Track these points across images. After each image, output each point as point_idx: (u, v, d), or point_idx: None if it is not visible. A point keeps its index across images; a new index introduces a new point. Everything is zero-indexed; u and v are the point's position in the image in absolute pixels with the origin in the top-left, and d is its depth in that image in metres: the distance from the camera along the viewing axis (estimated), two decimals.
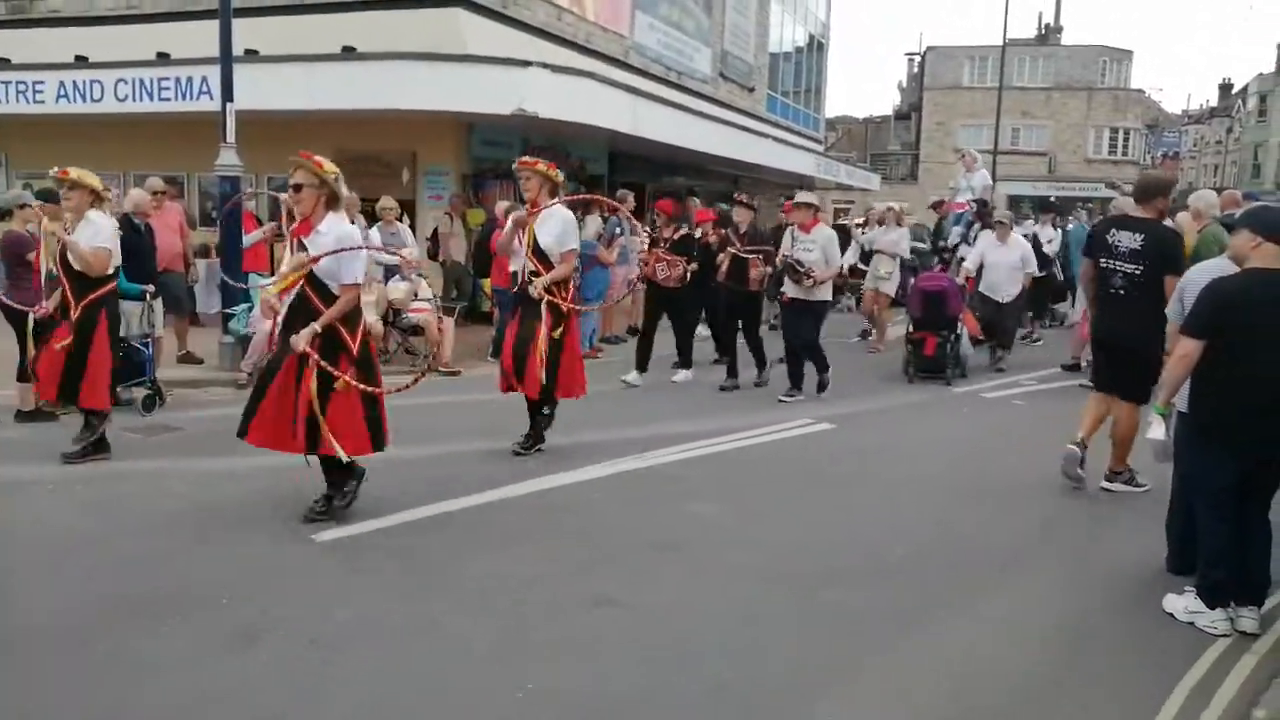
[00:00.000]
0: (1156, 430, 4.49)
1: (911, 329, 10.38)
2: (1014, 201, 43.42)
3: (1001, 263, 10.83)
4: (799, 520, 5.67)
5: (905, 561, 5.02)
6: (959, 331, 10.30)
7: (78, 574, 4.56)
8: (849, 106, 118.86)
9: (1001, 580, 4.81)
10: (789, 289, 9.08)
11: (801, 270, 8.86)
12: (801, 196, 9.41)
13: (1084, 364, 10.51)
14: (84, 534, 5.13)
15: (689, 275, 9.62)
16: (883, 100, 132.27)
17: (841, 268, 12.51)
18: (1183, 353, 4.30)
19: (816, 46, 32.45)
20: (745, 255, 9.40)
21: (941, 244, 14.15)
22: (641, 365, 9.89)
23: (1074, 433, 6.35)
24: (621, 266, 12.24)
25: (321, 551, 4.94)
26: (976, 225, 12.86)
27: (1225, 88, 66.27)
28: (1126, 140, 46.81)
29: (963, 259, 12.25)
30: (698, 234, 10.06)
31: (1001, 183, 36.78)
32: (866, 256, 13.67)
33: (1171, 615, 4.35)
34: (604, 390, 8.75)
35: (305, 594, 4.39)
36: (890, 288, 12.93)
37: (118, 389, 8.07)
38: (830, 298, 9.52)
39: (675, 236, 9.77)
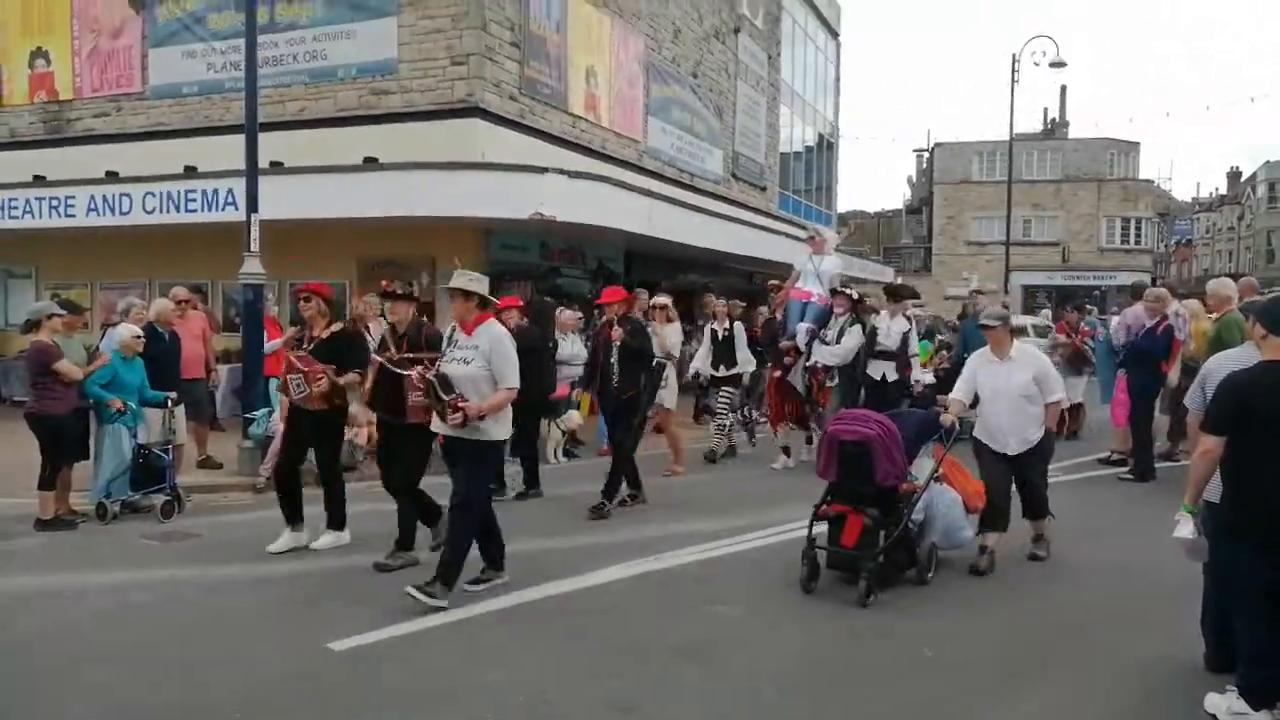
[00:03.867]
0: (1184, 529, 4.40)
1: (823, 501, 6.22)
2: (1029, 292, 43.78)
3: (1003, 390, 6.52)
4: (824, 617, 5.55)
5: (935, 660, 4.89)
6: (913, 509, 6.15)
7: (93, 687, 4.49)
8: (860, 200, 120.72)
9: (1035, 680, 4.67)
10: (436, 424, 5.86)
11: (445, 399, 5.62)
12: (456, 279, 5.86)
13: (1126, 457, 10.36)
14: (100, 645, 5.07)
15: (333, 389, 6.79)
16: (893, 194, 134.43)
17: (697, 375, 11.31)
18: (1204, 449, 4.25)
19: (826, 146, 33.14)
20: (397, 371, 6.32)
21: (788, 342, 10.70)
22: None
23: (1103, 527, 6.26)
24: None
25: (338, 661, 4.86)
26: (844, 318, 10.37)
27: (1234, 175, 67.00)
28: (1139, 229, 47.17)
29: (815, 365, 10.49)
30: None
31: (1016, 273, 37.04)
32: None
33: (1214, 716, 4.19)
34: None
35: (319, 708, 4.30)
36: (668, 398, 10.28)
37: (138, 495, 8.16)
38: (503, 437, 5.99)
39: (324, 335, 6.95)
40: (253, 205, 10.20)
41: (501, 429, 5.91)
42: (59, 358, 7.67)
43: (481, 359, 5.72)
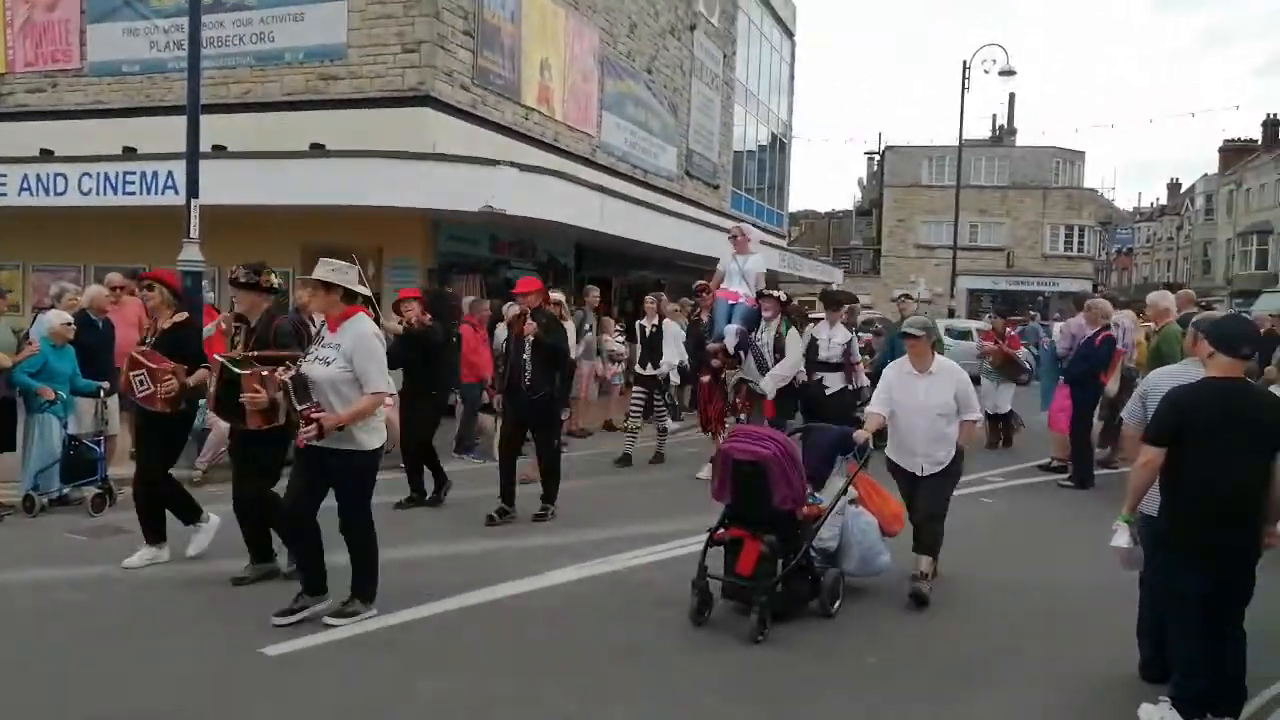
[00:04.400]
0: (1121, 538, 4.45)
1: (719, 524, 5.66)
2: (974, 296, 44.48)
3: (920, 406, 6.03)
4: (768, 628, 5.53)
5: (877, 670, 4.90)
6: (814, 535, 5.66)
7: (14, 691, 4.31)
8: (812, 201, 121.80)
9: (973, 689, 4.70)
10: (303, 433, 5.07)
11: (300, 406, 5.03)
12: (316, 270, 5.27)
13: (1066, 464, 10.50)
14: (23, 647, 4.88)
15: (181, 393, 6.08)
16: (844, 194, 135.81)
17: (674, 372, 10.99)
18: (1144, 460, 4.30)
19: (779, 146, 33.30)
20: (236, 370, 5.48)
21: (715, 344, 10.06)
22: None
23: (1040, 535, 6.32)
24: (587, 362, 12.22)
25: (272, 667, 4.72)
26: (775, 321, 9.46)
27: (1174, 187, 68.70)
28: (1082, 237, 48.16)
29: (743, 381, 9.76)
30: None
31: (962, 277, 37.58)
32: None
33: None
34: (569, 488, 8.58)
35: (251, 715, 4.17)
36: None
37: (67, 488, 7.89)
38: (376, 445, 5.29)
39: (166, 326, 6.32)
40: (193, 190, 9.91)
41: (373, 436, 5.26)
42: None
43: (343, 359, 5.11)
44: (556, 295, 10.28)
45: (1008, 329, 13.99)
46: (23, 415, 7.85)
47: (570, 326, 10.37)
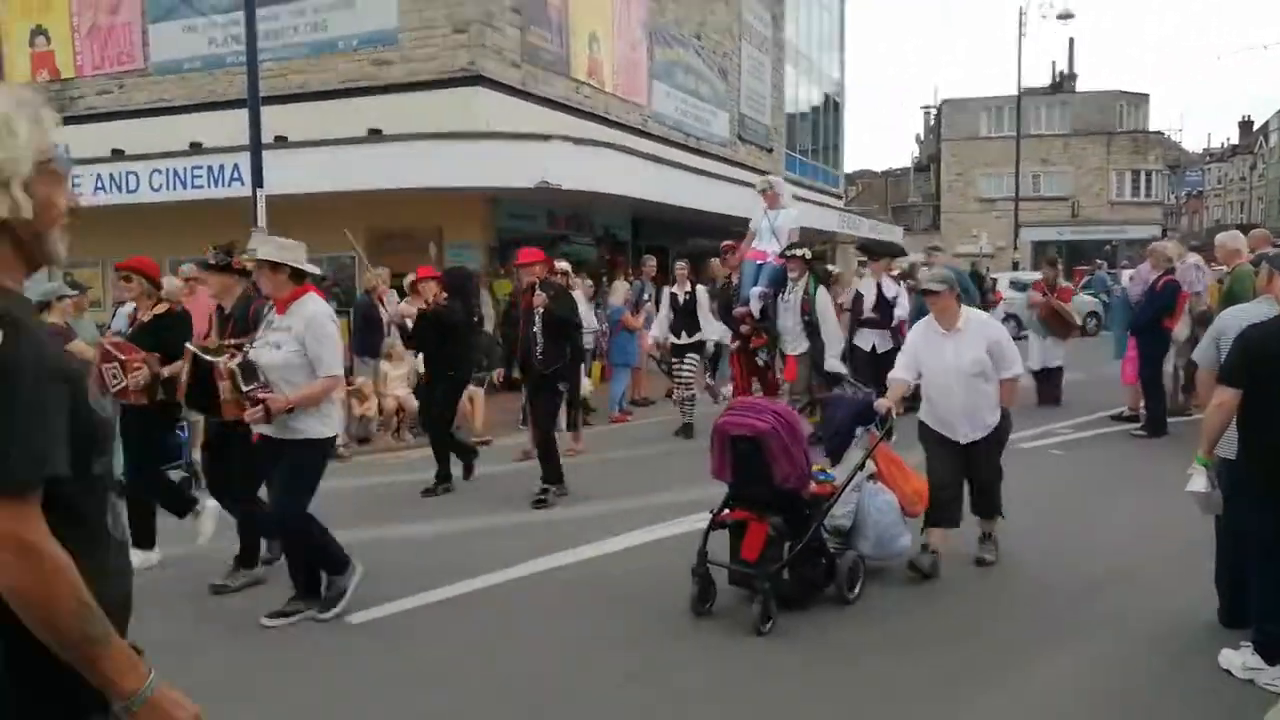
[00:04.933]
0: (1197, 482, 4.40)
1: (723, 505, 5.14)
2: (1039, 248, 43.55)
3: (951, 367, 5.51)
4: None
5: (946, 630, 4.91)
6: (826, 515, 5.16)
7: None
8: (868, 160, 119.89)
9: (1046, 646, 4.69)
10: (249, 415, 4.89)
11: (246, 389, 4.81)
12: (261, 247, 5.06)
13: (1138, 413, 10.30)
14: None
15: (157, 383, 5.66)
16: (901, 152, 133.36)
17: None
18: (1219, 401, 4.24)
19: (832, 105, 32.84)
20: (207, 359, 5.02)
21: (742, 309, 9.65)
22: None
23: (1114, 485, 6.23)
24: (648, 332, 12.28)
25: (359, 634, 4.92)
26: (802, 281, 9.19)
27: (1246, 125, 66.25)
28: (1149, 182, 46.77)
29: (774, 335, 9.36)
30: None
31: (1025, 229, 36.81)
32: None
33: (1228, 672, 4.22)
34: (625, 455, 8.66)
35: (339, 679, 4.37)
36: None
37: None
38: (328, 434, 5.05)
39: (147, 318, 6.01)
40: (258, 181, 10.21)
41: (324, 424, 4.98)
42: (71, 339, 7.70)
43: (294, 342, 4.82)
44: (562, 265, 10.09)
45: (1059, 280, 12.98)
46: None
47: (579, 295, 9.95)
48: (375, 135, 13.24)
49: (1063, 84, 50.05)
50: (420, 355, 8.98)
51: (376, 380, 10.49)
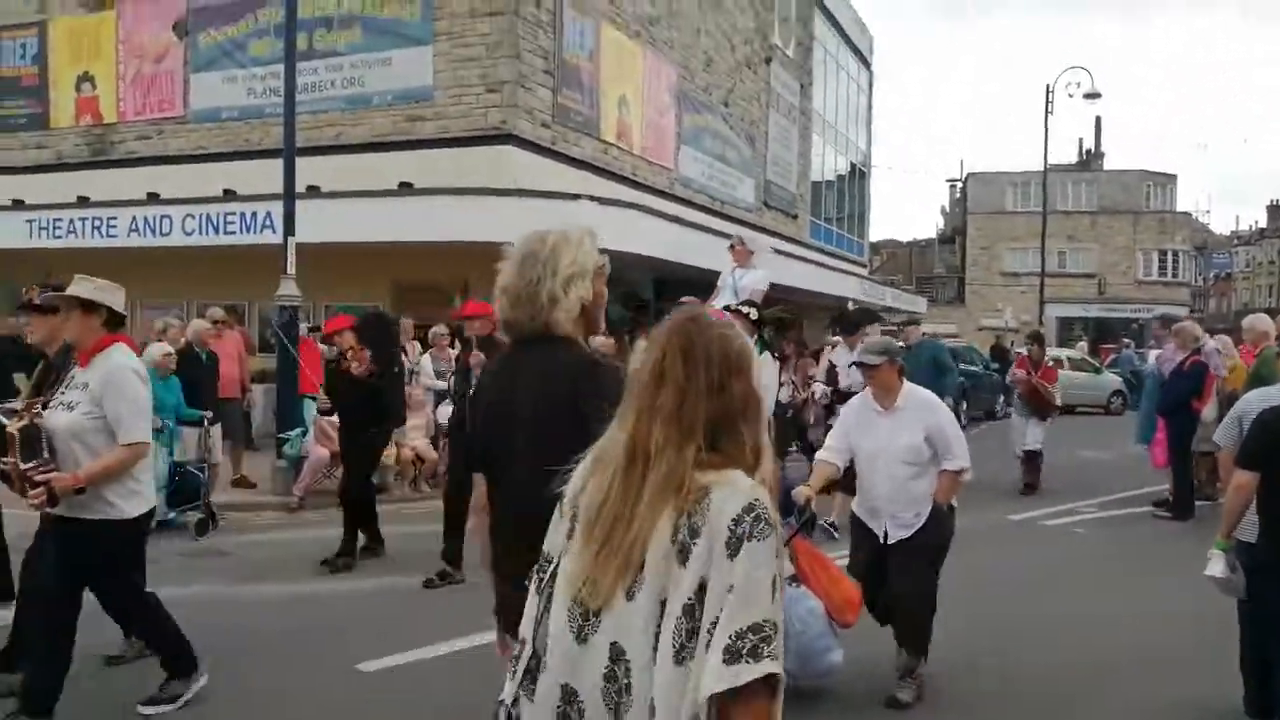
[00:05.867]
0: (1215, 566, 4.32)
1: None
2: (1065, 324, 43.38)
3: (883, 450, 4.79)
4: (844, 651, 5.48)
5: (958, 700, 4.81)
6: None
7: (105, 704, 4.51)
8: (894, 230, 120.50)
9: None
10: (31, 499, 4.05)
11: (25, 466, 3.94)
12: (79, 286, 4.21)
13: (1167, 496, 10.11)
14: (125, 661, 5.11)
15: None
16: (927, 224, 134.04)
17: None
18: (1237, 483, 4.19)
19: (858, 175, 33.15)
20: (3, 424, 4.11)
21: None
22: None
23: (1137, 566, 6.10)
24: None
25: (369, 683, 4.87)
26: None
27: (1274, 208, 66.20)
28: (1176, 262, 46.69)
29: None
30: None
31: (1051, 304, 36.72)
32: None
33: None
34: None
35: None
36: None
37: (173, 513, 8.26)
38: (138, 512, 4.22)
39: None
40: (290, 228, 10.36)
41: (132, 501, 4.15)
42: None
43: (90, 402, 4.02)
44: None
45: (1045, 358, 12.10)
46: None
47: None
48: (405, 188, 13.45)
49: (1089, 161, 50.34)
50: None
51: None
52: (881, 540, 4.76)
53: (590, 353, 2.64)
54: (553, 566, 1.76)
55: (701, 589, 1.58)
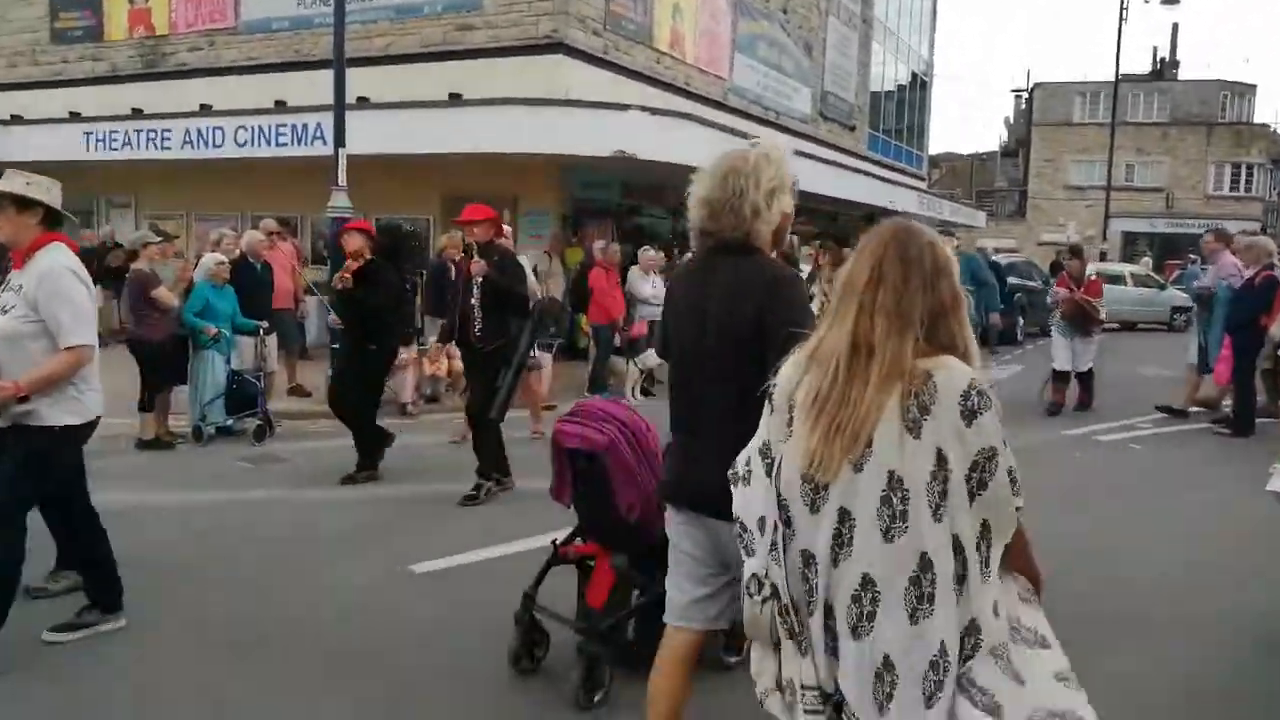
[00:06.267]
0: (1277, 481, 4.23)
1: (571, 536, 4.15)
2: (1129, 239, 42.10)
3: None
4: None
5: None
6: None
7: (175, 600, 4.70)
8: (954, 143, 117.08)
9: (1112, 645, 4.53)
10: None
11: None
12: (9, 181, 4.00)
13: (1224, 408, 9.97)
14: (187, 560, 5.30)
15: None
16: (989, 136, 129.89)
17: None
18: None
19: (919, 84, 32.12)
20: None
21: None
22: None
23: (1192, 481, 5.99)
24: None
25: (421, 581, 5.00)
26: None
27: None
28: (1250, 176, 44.82)
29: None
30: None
31: (1116, 219, 35.68)
32: None
33: None
34: None
35: (404, 625, 4.44)
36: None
37: (231, 420, 8.49)
38: (68, 421, 3.93)
39: None
40: (340, 140, 10.33)
41: (63, 409, 3.90)
42: (156, 284, 7.94)
43: (25, 305, 3.84)
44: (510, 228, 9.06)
45: (1085, 273, 11.29)
46: (191, 352, 8.43)
47: (527, 263, 8.83)
48: (455, 99, 13.33)
49: (1163, 71, 48.14)
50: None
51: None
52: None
53: (780, 267, 2.78)
54: (776, 456, 2.06)
55: (940, 458, 1.86)
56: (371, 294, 6.91)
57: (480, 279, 6.52)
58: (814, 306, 8.50)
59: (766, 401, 2.12)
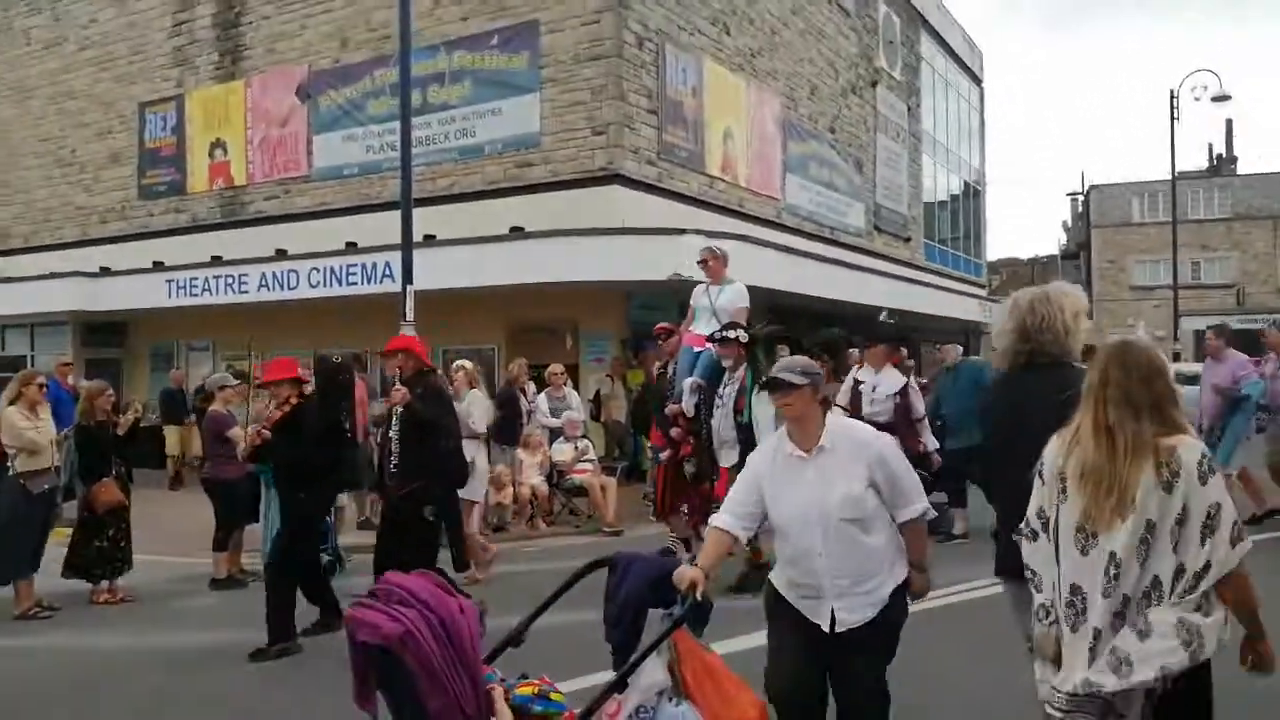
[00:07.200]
0: None
1: None
2: (1201, 338, 41.12)
3: (813, 506, 3.51)
4: (994, 688, 5.25)
5: None
6: None
7: None
8: (1013, 248, 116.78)
9: None
10: None
11: None
12: None
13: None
14: (265, 700, 5.29)
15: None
16: (1047, 240, 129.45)
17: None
18: None
19: (972, 193, 32.35)
20: None
21: (675, 406, 7.65)
22: None
23: None
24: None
25: None
26: (740, 373, 7.14)
27: None
28: None
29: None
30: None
31: (1186, 318, 34.92)
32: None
33: None
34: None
35: None
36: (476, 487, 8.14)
37: None
38: None
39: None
40: (408, 277, 10.72)
41: None
42: (232, 425, 8.18)
43: None
44: (461, 363, 8.78)
45: None
46: (264, 489, 8.59)
47: (479, 396, 8.43)
48: (517, 232, 13.78)
49: (1220, 167, 47.86)
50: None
51: (513, 468, 10.69)
52: (828, 629, 3.44)
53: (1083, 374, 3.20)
54: (1051, 515, 2.76)
55: (1184, 509, 2.58)
56: (293, 444, 6.29)
57: (400, 409, 6.16)
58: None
59: (1037, 476, 2.83)
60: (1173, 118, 27.93)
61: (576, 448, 10.84)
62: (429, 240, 13.69)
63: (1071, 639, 2.63)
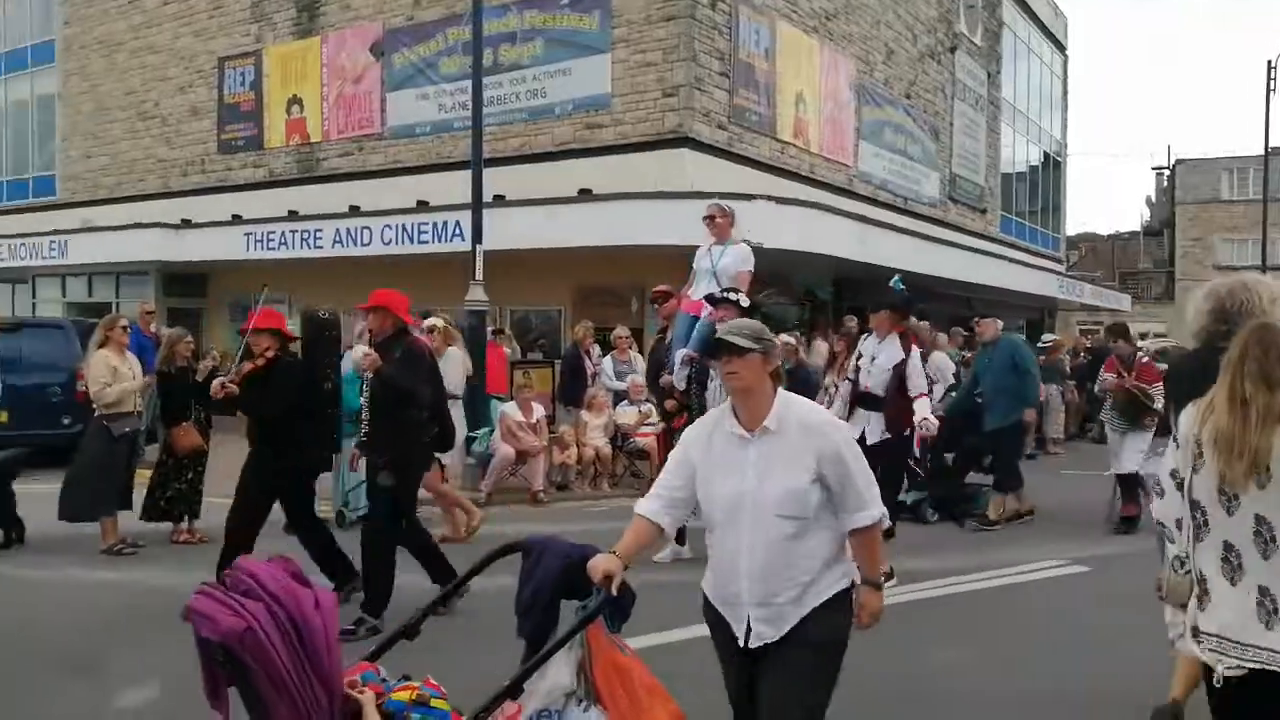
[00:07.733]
0: None
1: None
2: None
3: (748, 497, 2.99)
4: (1056, 672, 5.19)
5: None
6: None
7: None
8: (1093, 223, 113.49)
9: None
10: None
11: None
12: None
13: None
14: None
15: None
16: (1130, 216, 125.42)
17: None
18: None
19: (1053, 164, 31.47)
20: None
21: (668, 377, 7.45)
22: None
23: None
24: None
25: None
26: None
27: None
28: None
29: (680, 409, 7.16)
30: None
31: None
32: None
33: None
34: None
35: None
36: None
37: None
38: None
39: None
40: (478, 236, 10.81)
41: None
42: None
43: None
44: (433, 321, 8.36)
45: (1138, 354, 9.54)
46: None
47: (458, 354, 8.14)
48: (585, 195, 13.79)
49: None
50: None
51: (577, 429, 10.80)
52: (742, 640, 2.98)
53: None
54: (1186, 477, 2.82)
55: None
56: (265, 399, 6.04)
57: (369, 374, 5.74)
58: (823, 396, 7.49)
59: (1172, 439, 2.96)
60: (1269, 89, 26.82)
61: (640, 411, 10.89)
62: (498, 200, 13.78)
63: (1230, 591, 2.71)
